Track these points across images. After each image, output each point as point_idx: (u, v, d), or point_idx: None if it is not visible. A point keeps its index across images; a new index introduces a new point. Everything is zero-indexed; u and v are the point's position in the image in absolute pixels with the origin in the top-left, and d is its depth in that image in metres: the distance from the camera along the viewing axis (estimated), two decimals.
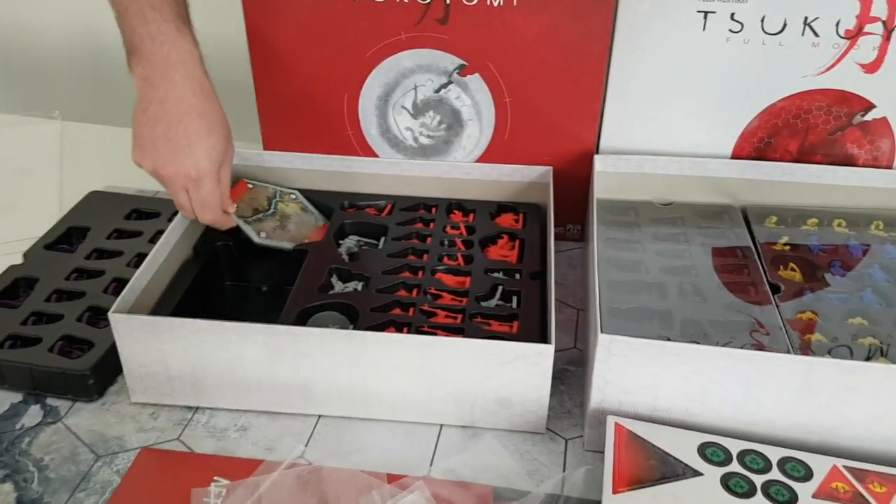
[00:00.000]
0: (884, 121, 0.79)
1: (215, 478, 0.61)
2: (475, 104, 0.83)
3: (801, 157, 0.82)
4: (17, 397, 0.69)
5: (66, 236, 0.86)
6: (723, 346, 0.62)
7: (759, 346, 0.63)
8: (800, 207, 0.82)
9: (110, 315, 0.64)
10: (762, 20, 0.76)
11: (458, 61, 0.81)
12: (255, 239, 0.78)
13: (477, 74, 0.81)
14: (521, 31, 0.78)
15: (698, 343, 0.61)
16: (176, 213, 0.88)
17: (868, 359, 0.63)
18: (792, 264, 0.75)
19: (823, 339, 0.65)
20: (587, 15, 0.77)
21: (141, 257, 0.81)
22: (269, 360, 0.65)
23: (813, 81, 0.78)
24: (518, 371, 0.63)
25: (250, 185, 0.84)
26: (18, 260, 0.81)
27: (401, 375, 0.65)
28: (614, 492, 0.54)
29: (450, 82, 0.83)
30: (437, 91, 0.83)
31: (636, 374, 0.59)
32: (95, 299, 0.75)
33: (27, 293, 0.77)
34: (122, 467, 0.62)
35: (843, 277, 0.73)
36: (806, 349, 0.64)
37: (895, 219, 0.80)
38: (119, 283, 0.78)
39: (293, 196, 0.85)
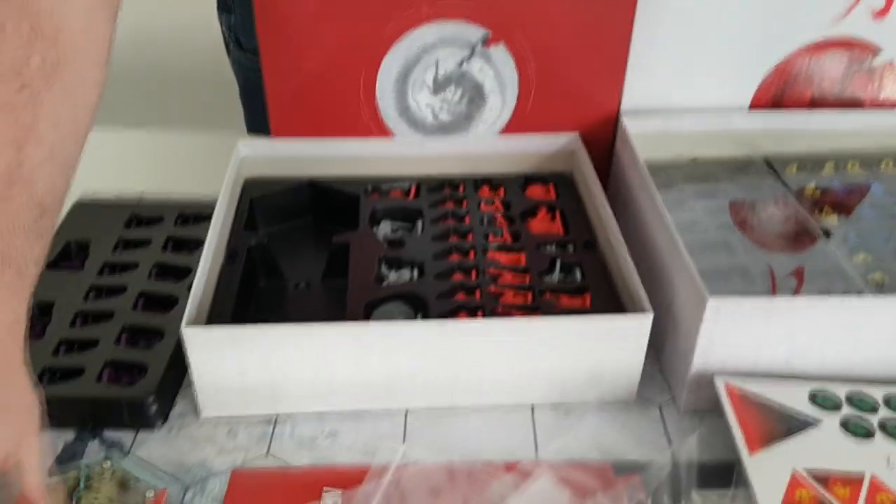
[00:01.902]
0: (890, 65, 0.83)
1: (325, 488, 0.57)
2: (498, 75, 0.81)
3: (814, 105, 0.85)
4: (68, 435, 0.62)
5: (65, 252, 0.78)
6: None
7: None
8: (815, 153, 0.85)
9: (184, 330, 0.58)
10: None
11: (483, 31, 0.78)
12: None
13: (502, 44, 0.79)
14: None
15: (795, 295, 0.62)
16: (183, 215, 0.82)
17: None
18: (826, 207, 0.77)
19: (886, 277, 0.68)
20: None
21: (161, 267, 0.75)
22: (354, 359, 0.61)
23: (828, 30, 0.80)
24: (612, 343, 0.62)
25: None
26: None
27: (491, 360, 0.63)
28: (750, 452, 0.54)
29: (472, 54, 0.80)
30: (460, 64, 0.80)
31: (739, 334, 0.60)
32: (127, 317, 0.69)
33: (44, 320, 0.69)
34: (217, 494, 0.57)
35: (874, 217, 0.77)
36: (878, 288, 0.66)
37: None
38: (147, 298, 0.71)
39: (109, 471, 0.59)
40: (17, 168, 0.48)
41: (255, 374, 0.61)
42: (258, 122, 0.88)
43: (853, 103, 0.85)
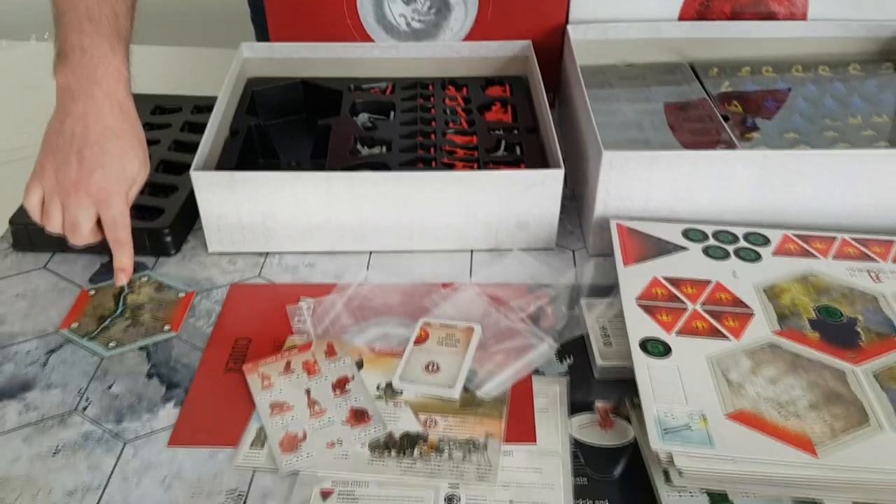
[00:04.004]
0: None
1: (301, 297, 0.74)
2: None
3: (734, 17, 0.98)
4: (104, 258, 0.79)
5: None
6: None
7: None
8: (735, 59, 0.98)
9: (192, 173, 0.75)
10: None
11: None
12: (105, 353, 0.69)
13: None
14: None
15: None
16: (198, 106, 0.98)
17: None
18: (735, 101, 0.91)
19: (768, 149, 0.82)
20: None
21: (178, 144, 0.92)
22: (327, 203, 0.77)
23: None
24: (534, 196, 0.78)
25: (92, 292, 0.76)
26: None
27: (439, 209, 0.78)
28: (625, 265, 0.70)
29: None
30: None
31: (631, 183, 0.75)
32: (151, 177, 0.85)
33: None
34: (218, 299, 0.74)
35: (776, 108, 0.91)
36: None
37: (811, 62, 0.98)
38: (166, 164, 0.88)
39: (146, 278, 0.77)
40: None
41: (249, 215, 0.77)
42: (266, 41, 1.03)
43: (767, 16, 0.98)
